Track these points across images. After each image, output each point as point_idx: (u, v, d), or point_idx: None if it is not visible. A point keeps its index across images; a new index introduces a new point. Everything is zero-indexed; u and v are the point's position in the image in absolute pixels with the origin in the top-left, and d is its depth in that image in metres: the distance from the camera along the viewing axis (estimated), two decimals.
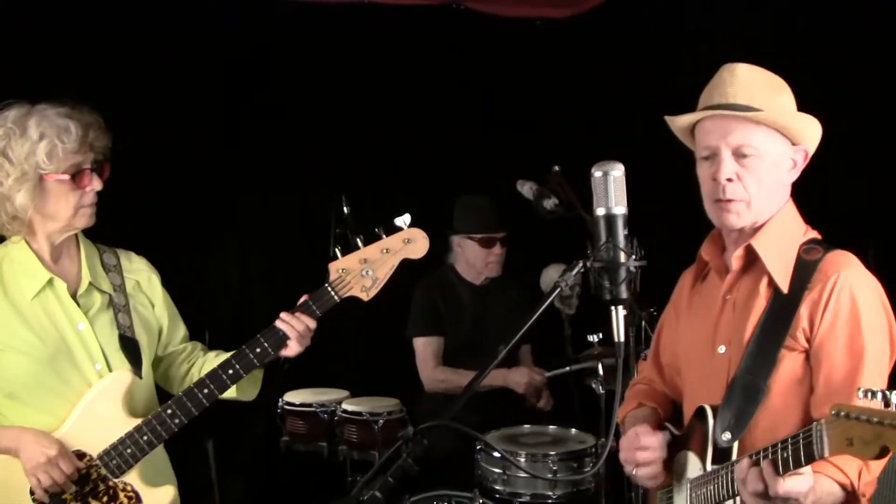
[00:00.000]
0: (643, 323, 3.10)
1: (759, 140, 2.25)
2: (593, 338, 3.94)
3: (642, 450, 2.39)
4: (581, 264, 1.97)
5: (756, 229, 2.31)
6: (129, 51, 4.56)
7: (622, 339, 1.97)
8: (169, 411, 2.68)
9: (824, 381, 2.16)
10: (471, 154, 5.24)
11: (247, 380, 2.78)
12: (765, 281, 2.29)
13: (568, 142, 4.87)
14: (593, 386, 3.80)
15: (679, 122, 2.38)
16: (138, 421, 2.68)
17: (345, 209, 4.02)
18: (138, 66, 4.58)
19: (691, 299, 2.54)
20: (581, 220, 3.67)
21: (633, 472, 2.43)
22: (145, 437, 2.66)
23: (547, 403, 4.58)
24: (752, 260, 2.33)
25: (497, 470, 3.77)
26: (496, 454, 3.82)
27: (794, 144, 2.30)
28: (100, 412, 2.66)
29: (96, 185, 2.68)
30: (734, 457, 2.18)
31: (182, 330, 2.98)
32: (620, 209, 1.99)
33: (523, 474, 3.74)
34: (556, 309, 4.37)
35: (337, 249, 2.74)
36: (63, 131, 2.60)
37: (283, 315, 2.74)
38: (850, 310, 2.17)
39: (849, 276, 2.20)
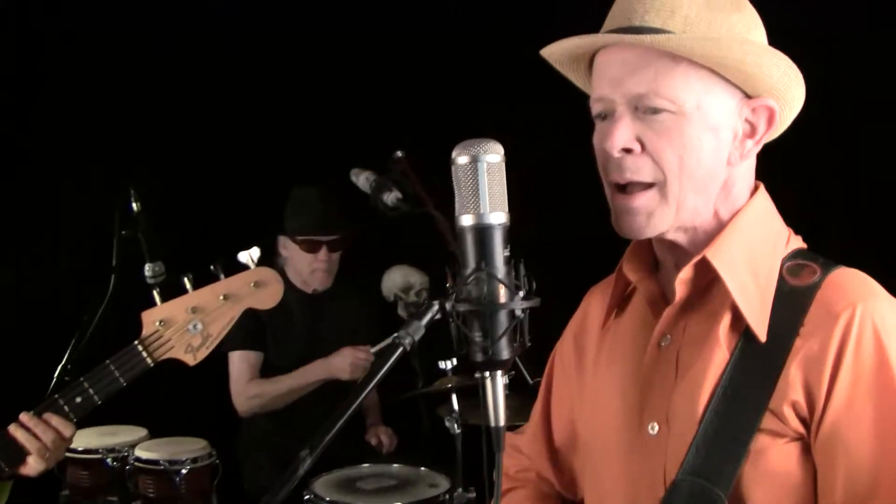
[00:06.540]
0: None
1: (678, 86, 1.41)
2: (445, 364, 3.22)
3: None
4: (437, 307, 1.20)
5: (707, 236, 1.48)
6: None
7: (501, 423, 1.23)
8: None
9: (844, 488, 1.36)
10: (300, 140, 4.55)
11: None
12: (727, 320, 1.45)
13: (413, 122, 4.22)
14: (447, 424, 3.12)
15: (556, 54, 1.53)
16: None
17: (133, 206, 3.26)
18: None
19: (603, 341, 1.66)
20: (429, 219, 3.06)
21: None
22: None
23: (390, 444, 4.01)
24: (705, 285, 1.49)
25: None
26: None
27: (748, 97, 1.46)
28: None
29: None
30: None
31: None
32: (499, 216, 1.22)
33: None
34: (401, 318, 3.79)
35: (155, 292, 2.06)
36: None
37: (21, 417, 1.96)
38: (877, 368, 1.36)
39: (869, 311, 1.38)
